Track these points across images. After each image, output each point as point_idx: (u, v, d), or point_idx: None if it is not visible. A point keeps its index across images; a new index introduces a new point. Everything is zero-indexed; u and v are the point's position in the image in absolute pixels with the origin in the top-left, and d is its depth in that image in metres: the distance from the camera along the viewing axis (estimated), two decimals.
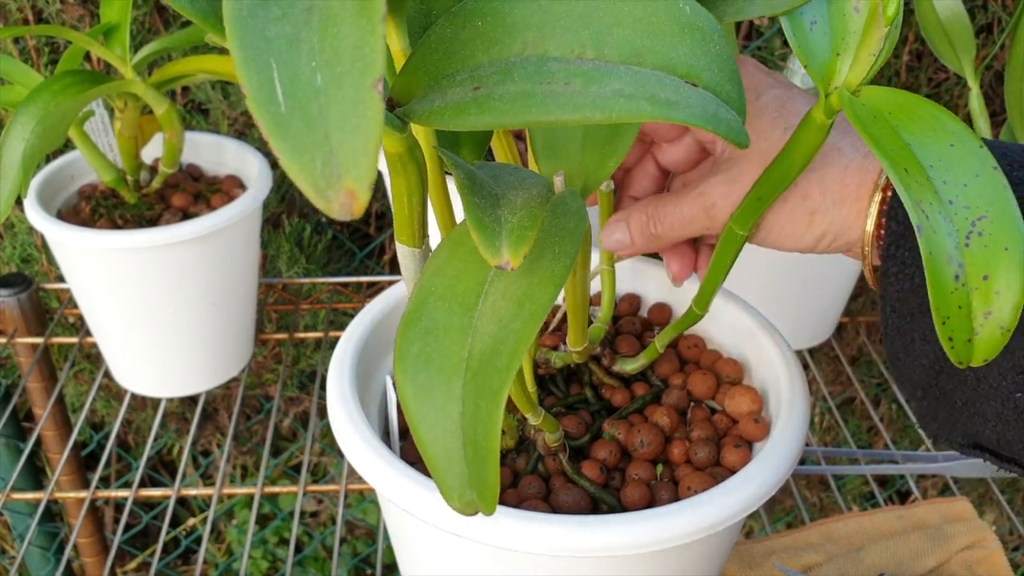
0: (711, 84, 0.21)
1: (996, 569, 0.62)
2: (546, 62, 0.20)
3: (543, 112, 0.20)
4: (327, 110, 0.17)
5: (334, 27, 0.18)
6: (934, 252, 0.27)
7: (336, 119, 0.17)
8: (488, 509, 0.22)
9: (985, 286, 0.27)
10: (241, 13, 0.18)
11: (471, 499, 0.22)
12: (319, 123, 0.17)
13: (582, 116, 0.20)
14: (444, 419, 0.23)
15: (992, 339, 0.28)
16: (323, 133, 0.17)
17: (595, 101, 0.20)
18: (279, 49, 0.18)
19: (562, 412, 0.47)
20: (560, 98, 0.20)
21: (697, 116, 0.20)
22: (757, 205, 0.36)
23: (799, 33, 0.30)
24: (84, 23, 0.83)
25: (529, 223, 0.23)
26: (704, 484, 0.41)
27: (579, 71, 0.20)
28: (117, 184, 0.70)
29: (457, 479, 0.23)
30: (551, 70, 0.20)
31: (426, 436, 0.24)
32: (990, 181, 0.28)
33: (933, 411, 0.37)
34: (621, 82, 0.20)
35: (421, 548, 0.43)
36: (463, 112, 0.21)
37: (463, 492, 0.22)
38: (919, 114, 0.29)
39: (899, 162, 0.28)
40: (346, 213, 0.17)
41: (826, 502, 1.13)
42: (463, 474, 0.23)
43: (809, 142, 0.32)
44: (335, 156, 0.17)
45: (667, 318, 0.52)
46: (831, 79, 0.30)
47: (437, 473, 0.24)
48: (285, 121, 0.17)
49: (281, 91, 0.17)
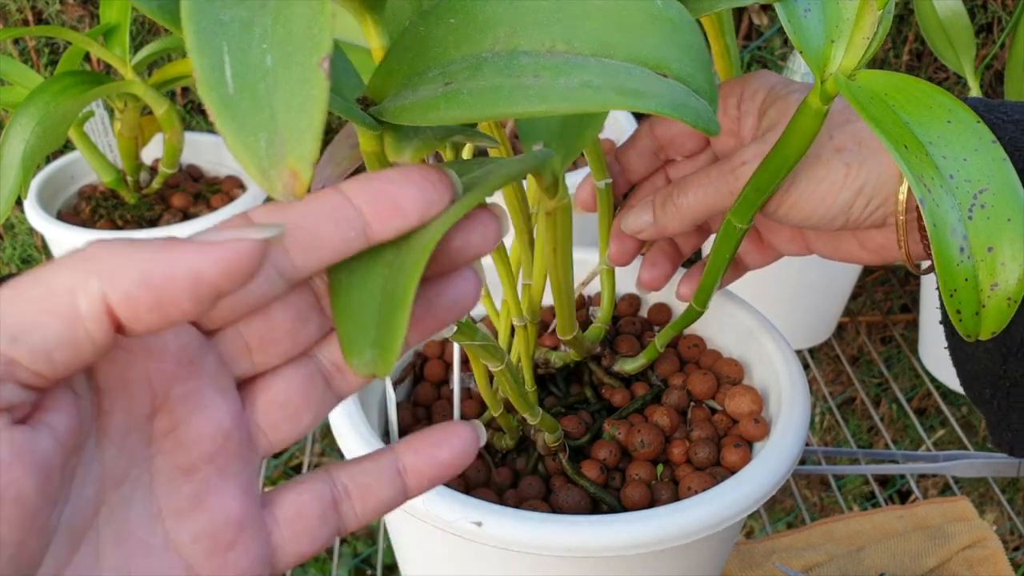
0: (681, 74, 0.21)
1: (997, 569, 0.62)
2: (516, 56, 0.21)
3: (510, 104, 0.20)
4: (274, 90, 0.17)
5: (288, 9, 0.18)
6: (938, 225, 0.27)
7: (283, 98, 0.17)
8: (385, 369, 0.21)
9: (990, 258, 0.27)
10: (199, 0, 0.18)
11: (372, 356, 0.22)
12: (266, 103, 0.17)
13: (549, 107, 0.20)
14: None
15: (999, 310, 0.28)
16: (269, 113, 0.17)
17: (563, 92, 0.20)
18: (232, 32, 0.18)
19: (562, 412, 0.47)
20: (528, 91, 0.20)
21: (664, 105, 0.20)
22: (755, 196, 0.35)
23: (794, 20, 0.30)
24: (84, 24, 0.83)
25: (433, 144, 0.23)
26: (704, 484, 0.41)
27: (548, 64, 0.20)
28: (117, 185, 0.70)
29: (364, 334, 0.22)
30: (521, 64, 0.20)
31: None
32: (989, 154, 0.28)
33: (1006, 413, 0.35)
34: (590, 74, 0.20)
35: (421, 548, 0.43)
36: (432, 108, 0.21)
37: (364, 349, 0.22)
38: (915, 94, 0.29)
39: (899, 140, 0.28)
40: (288, 193, 0.17)
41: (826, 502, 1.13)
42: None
43: (806, 128, 0.32)
44: (280, 135, 0.17)
45: (667, 318, 0.52)
46: (826, 65, 0.30)
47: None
48: (233, 102, 0.17)
49: (231, 73, 0.17)
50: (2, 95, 0.62)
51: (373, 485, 0.25)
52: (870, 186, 0.34)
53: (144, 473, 0.22)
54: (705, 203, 0.38)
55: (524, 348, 0.43)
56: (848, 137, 0.35)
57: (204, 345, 0.23)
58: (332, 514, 0.25)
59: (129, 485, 0.22)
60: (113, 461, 0.21)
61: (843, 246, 0.39)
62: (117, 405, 0.21)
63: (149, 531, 0.22)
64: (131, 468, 0.22)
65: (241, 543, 0.23)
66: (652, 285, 0.42)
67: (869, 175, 0.34)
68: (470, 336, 0.34)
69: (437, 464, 0.26)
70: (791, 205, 0.36)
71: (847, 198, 0.35)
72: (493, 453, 0.46)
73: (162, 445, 0.22)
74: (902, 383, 1.06)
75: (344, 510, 0.25)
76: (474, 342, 0.34)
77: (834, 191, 0.35)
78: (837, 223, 0.36)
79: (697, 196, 0.38)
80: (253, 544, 0.23)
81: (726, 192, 0.37)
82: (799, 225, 0.37)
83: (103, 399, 0.21)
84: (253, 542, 0.23)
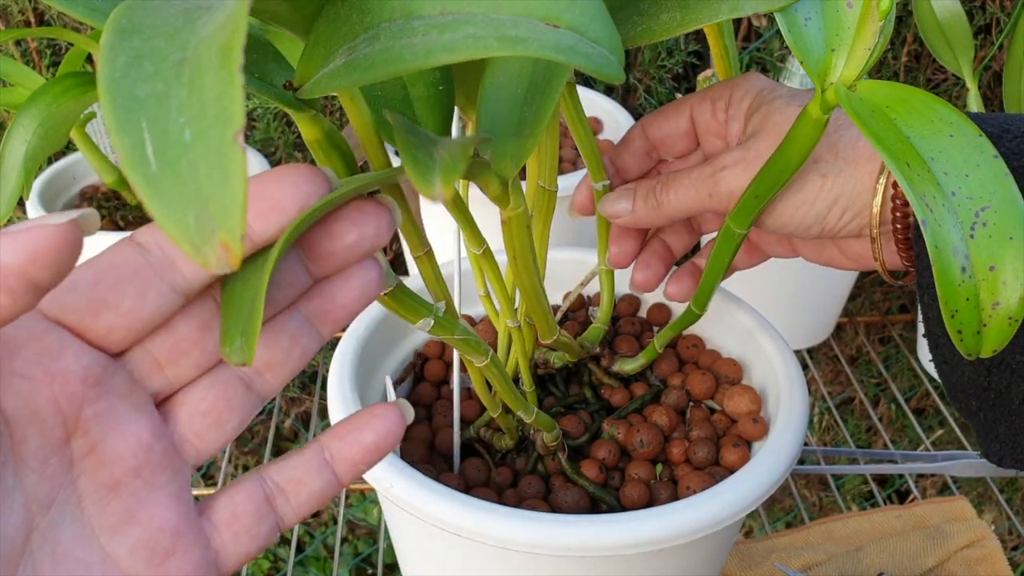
0: (574, 25, 0.22)
1: (995, 568, 0.62)
2: (411, 22, 0.21)
3: (400, 62, 0.21)
4: (196, 166, 0.17)
5: (200, 78, 0.18)
6: (940, 245, 0.27)
7: (205, 174, 0.17)
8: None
9: (992, 277, 0.27)
10: (114, 75, 0.18)
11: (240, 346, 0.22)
12: (190, 179, 0.17)
13: (435, 60, 0.21)
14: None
15: (1001, 329, 0.27)
16: (194, 189, 0.17)
17: (446, 45, 0.21)
18: (149, 107, 0.18)
19: (562, 412, 0.47)
20: (416, 48, 0.21)
21: (548, 48, 0.21)
22: (754, 203, 0.35)
23: (794, 29, 0.30)
24: (86, 25, 0.83)
25: (460, 155, 0.24)
26: (703, 483, 0.41)
27: (437, 24, 0.21)
28: (119, 186, 0.70)
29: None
30: (413, 27, 0.21)
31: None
32: (991, 170, 0.28)
33: (993, 424, 0.35)
34: (475, 27, 0.21)
35: (422, 547, 0.44)
36: (336, 76, 0.22)
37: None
38: (916, 106, 0.29)
39: (901, 156, 0.27)
40: (224, 266, 0.18)
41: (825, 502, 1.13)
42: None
43: (806, 137, 0.32)
44: (207, 210, 0.17)
45: (666, 318, 0.52)
46: (827, 75, 0.30)
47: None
48: (156, 180, 0.17)
49: (152, 150, 0.17)
50: (4, 96, 0.63)
51: (303, 478, 0.26)
52: (844, 198, 0.35)
53: (71, 495, 0.23)
54: (684, 203, 0.38)
55: (521, 349, 0.43)
56: (825, 148, 0.35)
57: (111, 366, 0.23)
58: (267, 511, 0.26)
59: (57, 508, 0.22)
60: (35, 487, 0.22)
61: (826, 252, 0.40)
62: (29, 432, 0.22)
63: (85, 549, 0.23)
64: (56, 491, 0.22)
65: (180, 550, 0.24)
66: (645, 286, 0.43)
67: (844, 187, 0.35)
68: (449, 331, 0.34)
69: (362, 448, 0.26)
70: (768, 212, 0.37)
71: (821, 209, 0.36)
72: (493, 453, 0.46)
73: (83, 466, 0.23)
74: (900, 383, 1.06)
75: (279, 505, 0.26)
76: (454, 336, 0.34)
77: (809, 201, 0.36)
78: (813, 232, 0.37)
79: (678, 195, 0.38)
80: (193, 549, 0.24)
81: (705, 195, 0.38)
82: (777, 232, 0.38)
83: (13, 428, 0.21)
84: (193, 547, 0.24)
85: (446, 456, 0.45)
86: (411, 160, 0.23)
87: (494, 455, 0.46)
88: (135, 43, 0.18)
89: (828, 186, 0.35)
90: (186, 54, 0.18)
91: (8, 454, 0.21)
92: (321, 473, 0.26)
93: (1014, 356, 0.32)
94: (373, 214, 0.25)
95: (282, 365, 0.26)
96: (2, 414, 0.21)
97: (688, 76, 0.91)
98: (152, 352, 0.24)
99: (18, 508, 0.21)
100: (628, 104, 0.91)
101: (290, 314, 0.25)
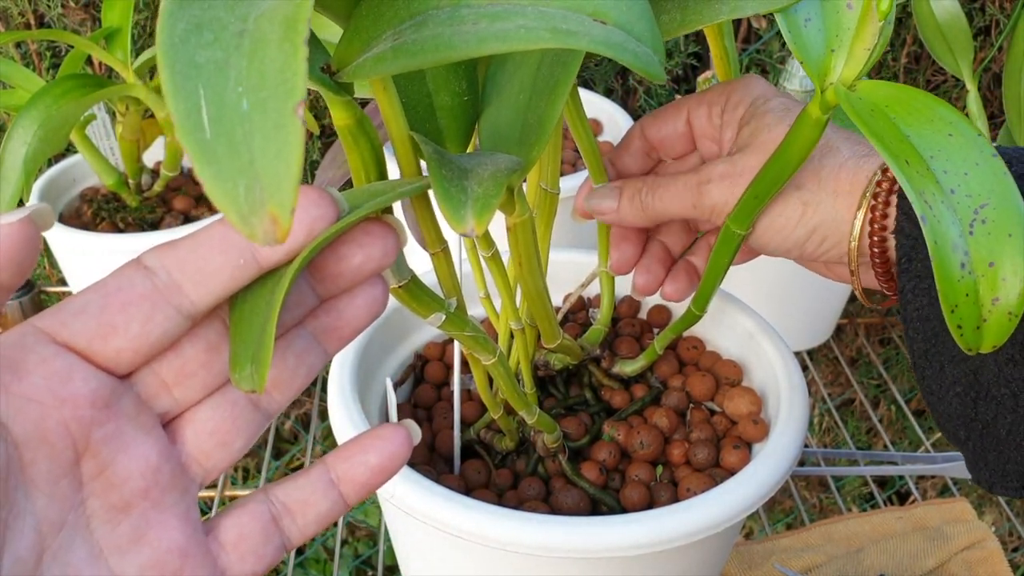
0: (620, 22, 0.22)
1: (995, 569, 0.62)
2: (459, 9, 0.22)
3: (450, 49, 0.21)
4: (251, 135, 0.17)
5: (262, 51, 0.18)
6: (939, 241, 0.27)
7: (260, 144, 0.17)
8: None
9: (991, 273, 0.27)
10: (173, 40, 0.18)
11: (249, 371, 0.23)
12: (244, 149, 0.17)
13: (487, 48, 0.21)
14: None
15: (1000, 325, 0.28)
16: (247, 159, 0.17)
17: (498, 35, 0.21)
18: (208, 75, 0.18)
19: (562, 414, 0.47)
20: (467, 36, 0.21)
21: (598, 43, 0.21)
22: (754, 203, 0.36)
23: (794, 30, 0.31)
24: (86, 27, 0.83)
25: (494, 191, 0.24)
26: (703, 485, 0.41)
27: (488, 13, 0.21)
28: (119, 187, 0.70)
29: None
30: (462, 15, 0.21)
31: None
32: (990, 168, 0.28)
33: (982, 453, 0.35)
34: (526, 19, 0.21)
35: (422, 549, 0.44)
36: (382, 60, 0.22)
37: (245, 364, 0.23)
38: (915, 106, 0.29)
39: (900, 154, 0.28)
40: (270, 239, 0.17)
41: (826, 503, 1.13)
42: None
43: (805, 137, 0.32)
44: (259, 182, 0.17)
45: (666, 320, 0.52)
46: (826, 75, 0.30)
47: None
48: (210, 148, 0.17)
49: (208, 118, 0.17)
50: (4, 98, 0.63)
51: (309, 499, 0.26)
52: (824, 227, 0.35)
53: (80, 516, 0.23)
54: (669, 209, 0.39)
55: (523, 351, 0.43)
56: (809, 175, 0.35)
57: (119, 388, 0.23)
58: (274, 532, 0.26)
59: (68, 530, 0.23)
60: (46, 509, 0.22)
61: (812, 265, 0.40)
62: (39, 455, 0.22)
63: (95, 570, 0.23)
64: (66, 513, 0.23)
65: (187, 570, 0.24)
66: (647, 291, 0.43)
67: (824, 217, 0.35)
68: (459, 327, 0.34)
69: (368, 469, 0.27)
70: (753, 236, 0.37)
71: (801, 235, 0.36)
72: (493, 455, 0.46)
73: (93, 487, 0.23)
74: (901, 384, 1.06)
75: (285, 526, 0.26)
76: (464, 332, 0.34)
77: (789, 226, 0.36)
78: (792, 255, 0.37)
79: (663, 200, 0.39)
80: (199, 569, 0.24)
81: (689, 205, 0.38)
82: (759, 251, 0.38)
83: (23, 451, 0.22)
84: (200, 568, 0.24)
85: (446, 458, 0.45)
86: (443, 194, 0.23)
87: (494, 457, 0.46)
88: (195, 11, 0.18)
89: (808, 215, 0.36)
90: (246, 25, 0.18)
91: (19, 477, 0.22)
92: (328, 494, 0.26)
93: (999, 388, 0.33)
94: (380, 236, 0.25)
95: (288, 383, 0.26)
96: (12, 438, 0.21)
97: (688, 77, 0.91)
98: (159, 374, 0.24)
99: (29, 530, 0.22)
100: (628, 106, 0.91)
101: (297, 332, 0.26)
